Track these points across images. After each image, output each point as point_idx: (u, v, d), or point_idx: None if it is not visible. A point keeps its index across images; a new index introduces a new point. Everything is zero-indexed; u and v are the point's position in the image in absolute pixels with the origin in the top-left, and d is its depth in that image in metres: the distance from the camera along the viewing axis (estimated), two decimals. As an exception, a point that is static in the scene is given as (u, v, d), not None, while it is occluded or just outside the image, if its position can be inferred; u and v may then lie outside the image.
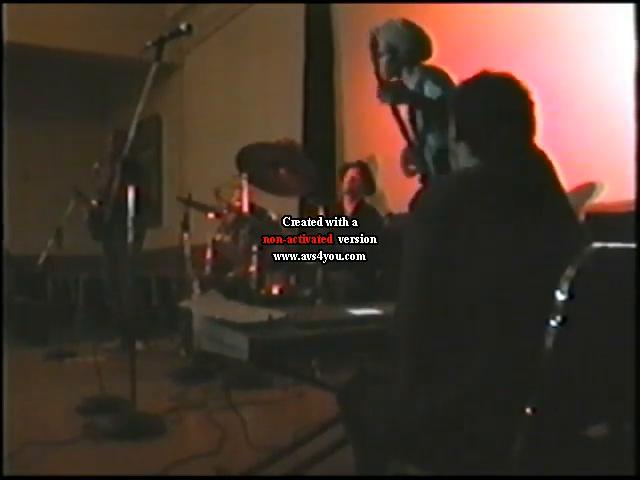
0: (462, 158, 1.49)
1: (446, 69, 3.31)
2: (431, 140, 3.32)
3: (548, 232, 1.36)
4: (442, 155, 3.05)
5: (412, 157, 3.44)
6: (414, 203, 1.48)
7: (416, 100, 3.35)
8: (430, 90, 3.25)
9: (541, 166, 1.45)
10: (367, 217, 4.52)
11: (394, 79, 3.40)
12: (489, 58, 4.03)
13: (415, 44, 3.36)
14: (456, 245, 1.31)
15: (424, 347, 1.39)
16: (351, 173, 4.67)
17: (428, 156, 3.36)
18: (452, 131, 1.52)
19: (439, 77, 3.27)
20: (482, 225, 1.32)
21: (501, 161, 1.43)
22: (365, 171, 4.70)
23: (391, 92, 3.27)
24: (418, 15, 3.66)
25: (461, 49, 3.74)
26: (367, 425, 1.51)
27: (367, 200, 4.74)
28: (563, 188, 1.47)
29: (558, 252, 1.19)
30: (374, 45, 3.36)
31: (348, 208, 4.66)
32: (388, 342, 1.47)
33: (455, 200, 1.36)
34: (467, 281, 1.31)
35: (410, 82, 3.38)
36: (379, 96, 3.28)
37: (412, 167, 3.48)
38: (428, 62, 3.40)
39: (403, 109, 3.43)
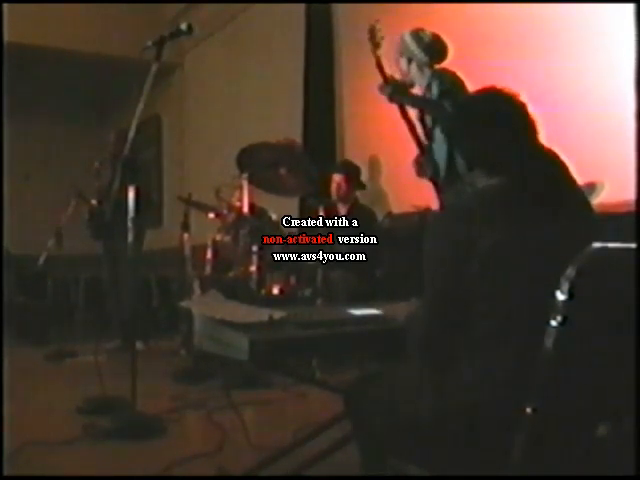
0: (480, 183, 1.52)
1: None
2: (439, 137, 3.34)
3: (568, 231, 1.38)
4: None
5: (425, 162, 3.45)
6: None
7: (414, 101, 3.37)
8: (436, 91, 3.27)
9: (552, 165, 1.49)
10: (360, 218, 4.46)
11: (409, 78, 3.46)
12: (489, 59, 4.03)
13: (428, 47, 3.44)
14: (479, 249, 1.34)
15: (441, 347, 1.43)
16: (336, 179, 4.57)
17: (439, 154, 3.36)
18: (461, 164, 1.57)
19: (445, 78, 3.29)
20: (505, 231, 1.36)
21: (516, 172, 1.46)
22: (350, 174, 4.59)
23: (391, 88, 3.32)
24: (418, 15, 3.66)
25: (461, 49, 3.73)
26: (374, 426, 1.51)
27: (361, 199, 4.71)
28: (576, 181, 1.51)
29: (577, 251, 1.20)
30: (373, 37, 3.43)
31: (342, 211, 4.62)
32: (404, 340, 1.50)
33: (480, 209, 1.41)
34: (487, 284, 1.34)
35: (422, 83, 3.41)
36: (380, 89, 3.34)
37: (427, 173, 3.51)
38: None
39: (413, 111, 3.45)
